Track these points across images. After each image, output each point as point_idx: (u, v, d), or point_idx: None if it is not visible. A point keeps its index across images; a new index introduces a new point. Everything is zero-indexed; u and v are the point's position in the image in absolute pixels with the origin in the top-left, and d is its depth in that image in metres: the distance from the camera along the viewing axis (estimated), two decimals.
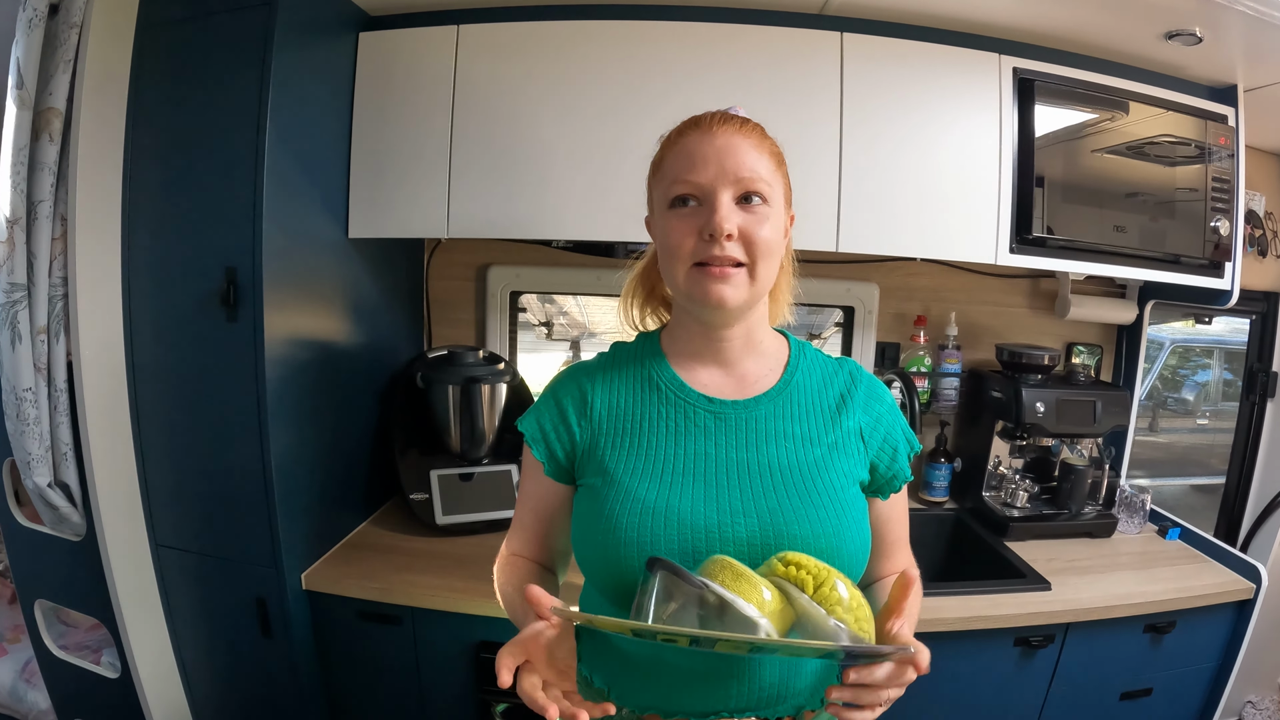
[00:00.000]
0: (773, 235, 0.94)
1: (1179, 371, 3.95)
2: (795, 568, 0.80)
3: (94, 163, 1.54)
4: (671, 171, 0.96)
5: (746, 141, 0.94)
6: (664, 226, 0.97)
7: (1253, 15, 1.58)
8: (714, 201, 0.92)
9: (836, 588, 0.79)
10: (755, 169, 0.93)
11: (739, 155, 0.93)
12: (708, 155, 0.93)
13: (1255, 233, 2.31)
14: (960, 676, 1.69)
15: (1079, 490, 2.07)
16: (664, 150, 1.00)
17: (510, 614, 1.03)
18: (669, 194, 0.95)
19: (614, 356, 1.08)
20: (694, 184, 0.93)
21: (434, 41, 1.75)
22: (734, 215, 0.92)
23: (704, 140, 0.94)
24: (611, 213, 1.73)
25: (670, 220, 0.95)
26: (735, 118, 0.97)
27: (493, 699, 1.66)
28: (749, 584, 0.78)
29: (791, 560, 0.81)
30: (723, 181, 0.92)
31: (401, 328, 2.21)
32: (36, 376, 1.53)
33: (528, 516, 1.10)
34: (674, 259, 0.95)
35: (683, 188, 0.94)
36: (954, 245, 1.80)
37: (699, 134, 0.95)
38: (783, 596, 0.80)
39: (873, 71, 1.73)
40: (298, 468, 1.67)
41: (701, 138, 0.94)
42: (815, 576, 0.79)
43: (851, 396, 1.04)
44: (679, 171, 0.94)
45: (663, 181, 0.98)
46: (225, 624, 1.75)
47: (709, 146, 0.93)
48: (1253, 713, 2.45)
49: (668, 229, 0.95)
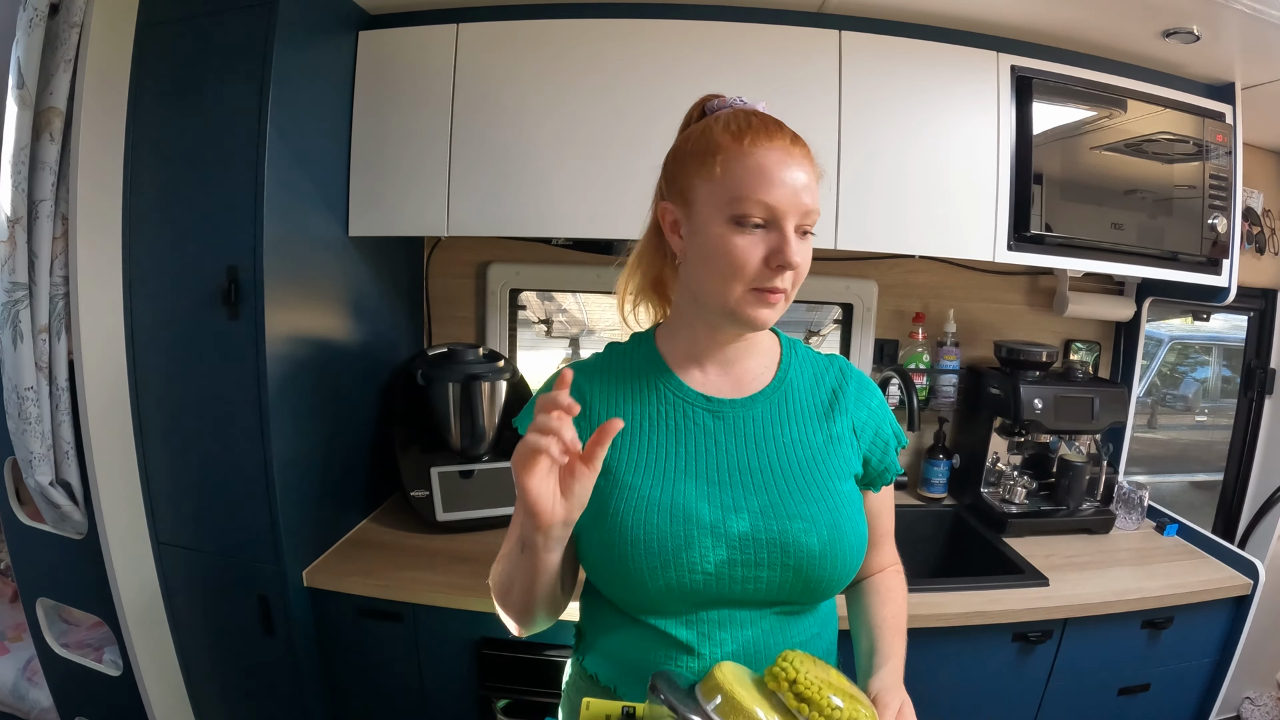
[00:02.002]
0: (809, 261, 0.94)
1: (1177, 368, 3.96)
2: (808, 706, 0.77)
3: (95, 162, 1.54)
4: (744, 184, 0.89)
5: (812, 169, 0.93)
6: (723, 240, 0.90)
7: (1250, 13, 1.58)
8: (784, 231, 0.89)
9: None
10: (816, 201, 0.92)
11: (808, 185, 0.91)
12: (785, 179, 0.89)
13: (1253, 230, 2.31)
14: (958, 672, 1.70)
15: (1077, 486, 2.07)
16: (729, 151, 0.92)
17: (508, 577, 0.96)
18: (736, 209, 0.89)
19: (610, 357, 1.08)
20: (768, 207, 0.89)
21: (434, 40, 1.75)
22: (798, 247, 0.90)
23: (783, 161, 0.90)
24: (611, 210, 1.73)
25: (732, 237, 0.90)
26: (798, 136, 0.94)
27: (494, 695, 1.67)
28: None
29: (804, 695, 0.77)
30: (794, 211, 0.89)
31: (402, 325, 2.22)
32: (38, 375, 1.53)
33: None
34: (730, 278, 0.91)
35: (755, 209, 0.89)
36: (952, 242, 1.81)
37: (778, 152, 0.90)
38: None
39: (871, 70, 1.73)
40: (299, 465, 1.68)
41: (780, 158, 0.90)
42: (827, 718, 0.76)
43: (843, 392, 1.06)
44: (751, 188, 0.89)
45: (726, 187, 0.90)
46: (227, 621, 1.75)
47: (786, 169, 0.89)
48: (1250, 708, 2.46)
49: (729, 246, 0.90)
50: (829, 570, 0.94)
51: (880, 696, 0.93)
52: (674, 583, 0.91)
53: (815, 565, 0.93)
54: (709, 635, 0.95)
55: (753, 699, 0.77)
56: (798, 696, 0.77)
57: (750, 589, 0.93)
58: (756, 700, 0.77)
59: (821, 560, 0.93)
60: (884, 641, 1.04)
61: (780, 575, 0.93)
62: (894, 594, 1.12)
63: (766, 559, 0.92)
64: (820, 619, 1.04)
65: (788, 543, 0.92)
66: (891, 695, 0.94)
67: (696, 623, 0.95)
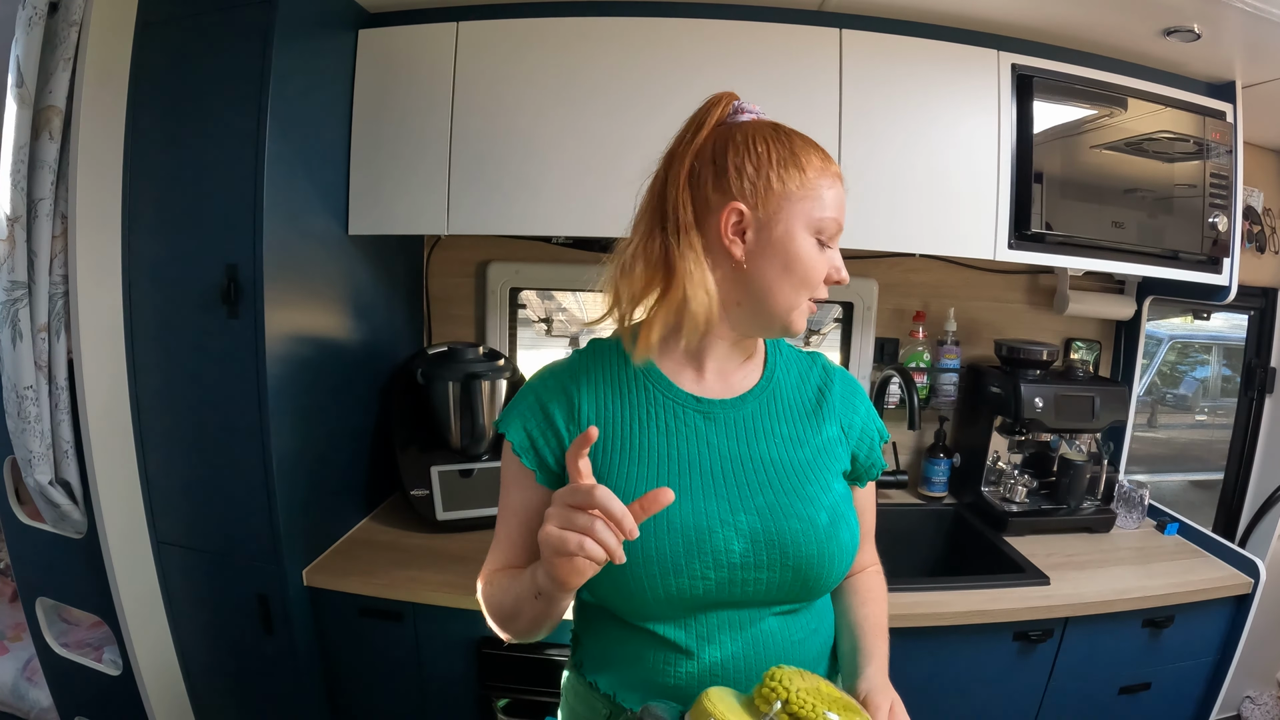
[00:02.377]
0: None
1: (1178, 367, 3.96)
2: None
3: (94, 160, 1.54)
4: (825, 204, 0.94)
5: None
6: (809, 254, 0.94)
7: (1251, 12, 1.58)
8: (836, 248, 0.97)
9: None
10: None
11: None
12: (841, 203, 0.96)
13: (1254, 229, 2.31)
14: (959, 671, 1.70)
15: (1077, 485, 2.07)
16: (815, 170, 0.95)
17: (512, 606, 0.95)
18: (820, 225, 0.94)
19: (594, 356, 1.04)
20: (839, 225, 0.96)
21: (434, 38, 1.75)
22: None
23: (838, 186, 0.96)
24: (611, 209, 1.72)
25: (812, 248, 0.94)
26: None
27: (494, 694, 1.66)
28: None
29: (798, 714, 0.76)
30: (839, 234, 0.97)
31: (401, 324, 2.21)
32: (37, 374, 1.53)
33: (515, 531, 1.02)
34: (802, 285, 0.95)
35: (833, 226, 0.95)
36: (953, 241, 1.80)
37: (834, 179, 0.96)
38: None
39: (871, 68, 1.73)
40: (298, 464, 1.67)
41: (836, 183, 0.96)
42: None
43: (830, 390, 1.06)
44: (831, 209, 0.95)
45: (815, 205, 0.94)
46: (227, 621, 1.75)
47: (841, 192, 0.97)
48: (1251, 707, 2.46)
49: (811, 259, 0.94)
50: (827, 567, 0.94)
51: (870, 698, 0.93)
52: (674, 592, 0.90)
53: (814, 564, 0.93)
54: (707, 638, 0.94)
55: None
56: (790, 716, 0.76)
57: (750, 590, 0.93)
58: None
59: (820, 558, 0.93)
60: (867, 641, 1.04)
61: (780, 575, 0.92)
62: (874, 593, 1.13)
63: (766, 561, 0.92)
64: (817, 614, 1.03)
65: (786, 543, 0.92)
66: (881, 696, 0.94)
67: (694, 625, 0.94)
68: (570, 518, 0.75)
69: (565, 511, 0.75)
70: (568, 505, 0.75)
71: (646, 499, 0.78)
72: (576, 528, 0.74)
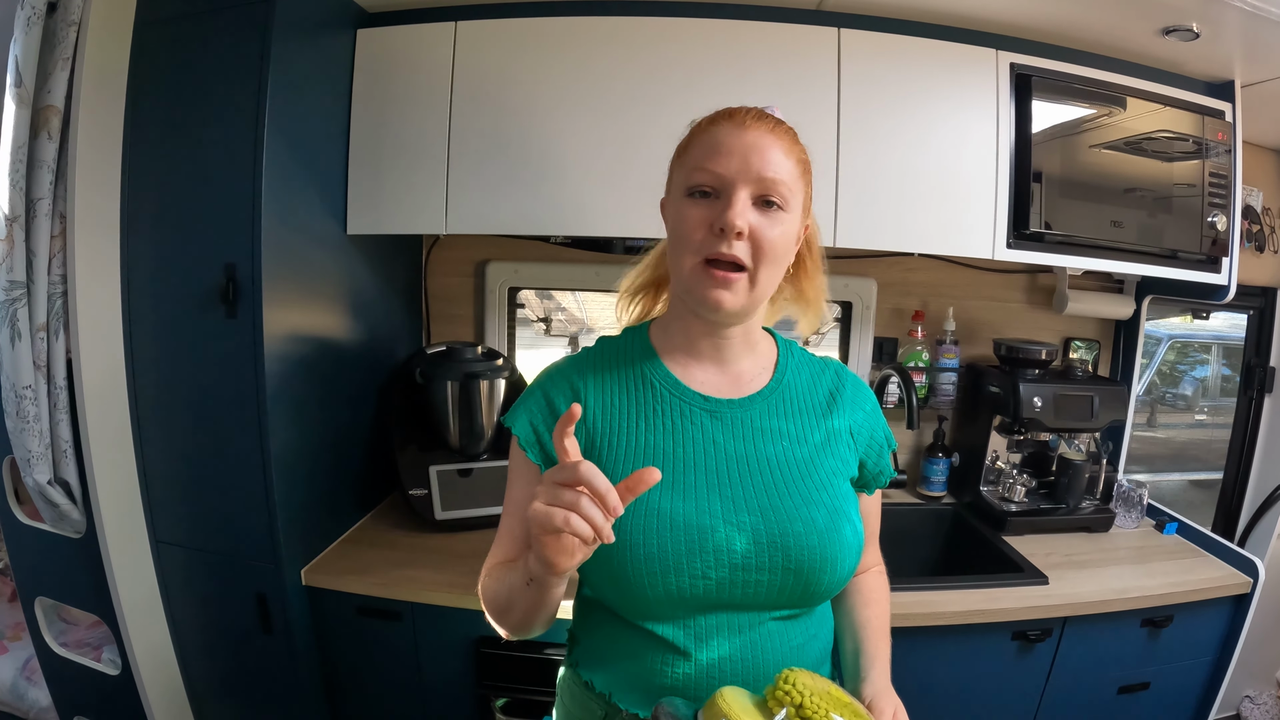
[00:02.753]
0: (782, 241, 0.92)
1: (1177, 366, 3.95)
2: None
3: (93, 160, 1.54)
4: (695, 158, 0.93)
5: (777, 143, 0.92)
6: (678, 213, 0.94)
7: (1250, 11, 1.58)
8: (731, 196, 0.90)
9: None
10: (779, 172, 0.91)
11: (766, 154, 0.90)
12: (734, 148, 0.90)
13: (1253, 228, 2.31)
14: (958, 671, 1.70)
15: (1076, 485, 2.07)
16: (691, 136, 0.97)
17: (506, 600, 0.95)
18: (688, 180, 0.93)
19: (602, 353, 1.06)
20: (715, 174, 0.91)
21: (432, 38, 1.75)
22: (748, 213, 0.90)
23: (734, 132, 0.92)
24: (609, 208, 1.72)
25: (685, 207, 0.93)
26: (769, 117, 0.95)
27: (492, 694, 1.66)
28: None
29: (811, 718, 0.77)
30: (744, 178, 0.90)
31: (400, 324, 2.21)
32: (36, 374, 1.53)
33: (518, 526, 1.03)
34: (683, 248, 0.93)
35: (703, 176, 0.91)
36: (952, 240, 1.80)
37: (730, 125, 0.92)
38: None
39: (870, 67, 1.73)
40: (297, 464, 1.67)
41: (733, 129, 0.92)
42: None
43: (840, 395, 1.06)
44: (702, 159, 0.92)
45: (684, 166, 0.95)
46: (225, 620, 1.75)
47: (737, 139, 0.91)
48: (1250, 707, 2.46)
49: (681, 216, 0.93)
50: (828, 573, 0.93)
51: (875, 703, 0.94)
52: (674, 590, 0.90)
53: (815, 569, 0.92)
54: (704, 640, 0.94)
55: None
56: (801, 716, 0.77)
57: (750, 593, 0.92)
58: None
59: (821, 564, 0.92)
60: (870, 643, 1.04)
61: (781, 579, 0.92)
62: (877, 594, 1.13)
63: (768, 563, 0.91)
64: (816, 621, 1.03)
65: (789, 545, 0.91)
66: (885, 700, 0.94)
67: (692, 627, 0.94)
68: (557, 494, 0.74)
69: (552, 489, 0.75)
70: (555, 483, 0.75)
71: (632, 478, 0.77)
72: (562, 503, 0.74)
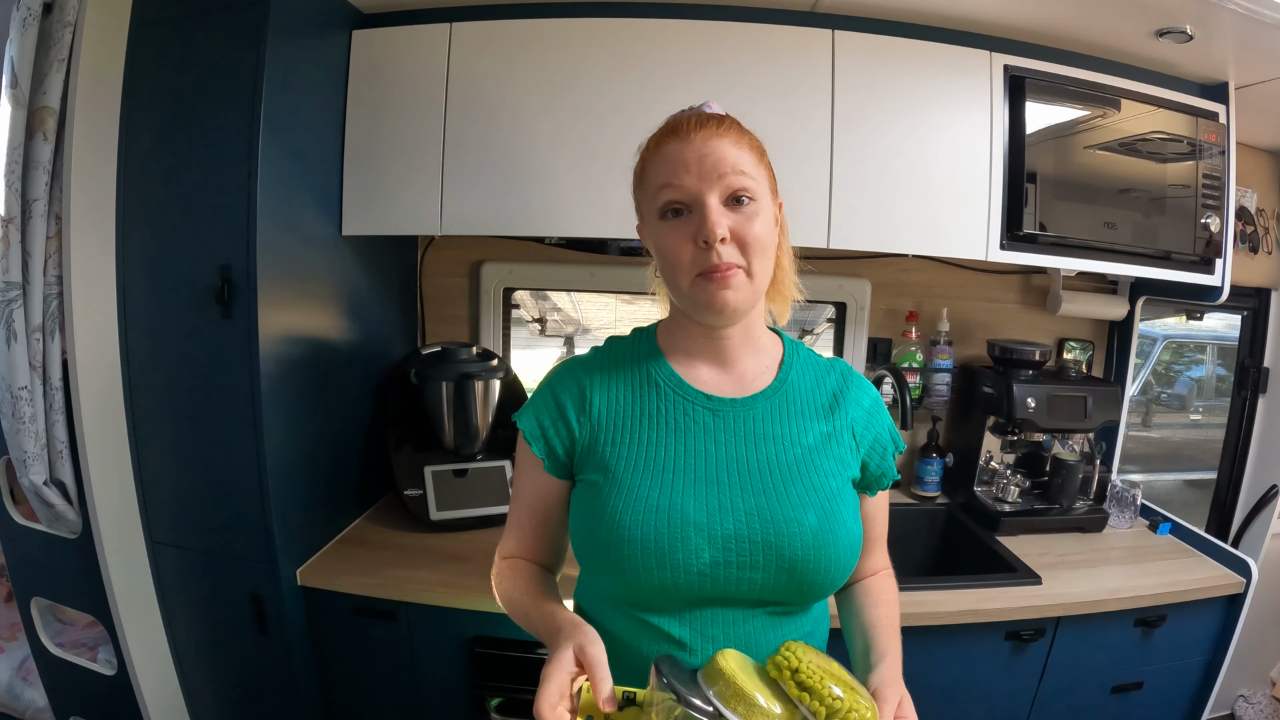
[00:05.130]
0: (764, 230, 0.94)
1: (1173, 367, 3.96)
2: (809, 695, 0.78)
3: (88, 161, 1.54)
4: (655, 181, 0.95)
5: (725, 141, 0.94)
6: (658, 239, 0.96)
7: (1243, 13, 1.58)
8: (704, 208, 0.91)
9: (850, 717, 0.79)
10: (738, 167, 0.92)
11: (720, 156, 0.92)
12: (689, 161, 0.92)
13: (1246, 229, 2.32)
14: (951, 670, 1.70)
15: (1070, 485, 2.08)
16: (644, 159, 1.00)
17: (523, 621, 1.01)
18: (656, 204, 0.95)
19: (610, 352, 1.08)
20: (680, 190, 0.92)
21: (427, 39, 1.75)
22: (724, 218, 0.91)
23: (684, 147, 0.93)
24: (604, 209, 1.73)
25: (663, 232, 0.94)
26: (711, 118, 0.96)
27: (487, 693, 1.67)
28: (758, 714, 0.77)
29: (806, 684, 0.79)
30: (708, 185, 0.91)
31: (395, 324, 2.22)
32: (32, 375, 1.53)
33: (525, 515, 1.09)
34: (675, 270, 0.94)
35: (670, 194, 0.93)
36: (945, 241, 1.81)
37: (678, 142, 0.94)
38: (788, 708, 0.79)
39: (864, 69, 1.73)
40: (292, 464, 1.68)
41: (681, 145, 0.93)
42: (829, 708, 0.78)
43: (844, 396, 1.06)
44: (661, 179, 0.94)
45: (648, 191, 0.97)
46: (221, 620, 1.75)
47: (689, 150, 0.92)
48: (1244, 706, 2.46)
49: (662, 241, 0.95)
50: (821, 573, 0.94)
51: (880, 691, 0.93)
52: (668, 581, 0.91)
53: (807, 567, 0.93)
54: (702, 632, 0.95)
55: (754, 686, 0.78)
56: (799, 685, 0.78)
57: (744, 589, 0.93)
58: (758, 687, 0.79)
59: (814, 563, 0.93)
60: (879, 640, 1.04)
61: (774, 576, 0.93)
62: (886, 595, 1.13)
63: (762, 560, 0.92)
64: (813, 619, 1.04)
65: (781, 544, 0.92)
66: (891, 690, 0.93)
67: (690, 620, 0.95)
68: None
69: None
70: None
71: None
72: None
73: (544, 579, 1.07)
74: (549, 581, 1.08)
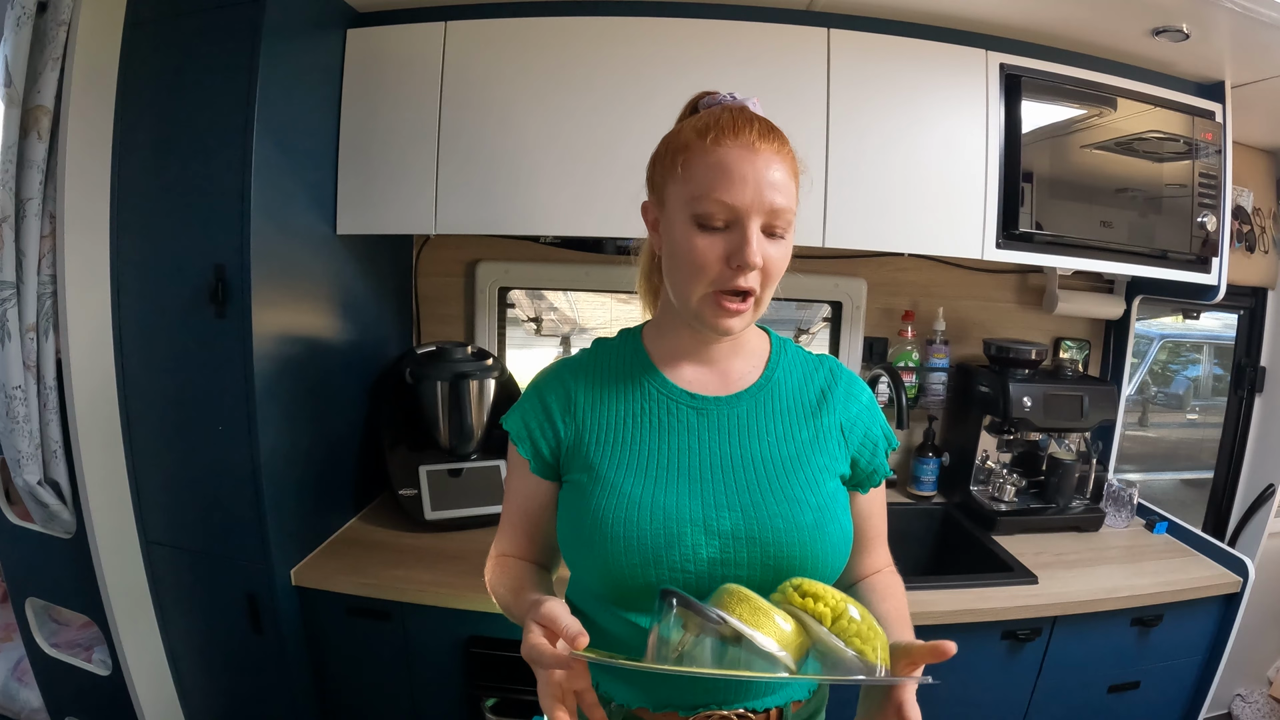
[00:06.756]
0: (785, 262, 0.93)
1: (1169, 366, 3.96)
2: (813, 599, 0.80)
3: (82, 160, 1.54)
4: (704, 183, 0.89)
5: (783, 165, 0.90)
6: (686, 240, 0.91)
7: (1240, 12, 1.58)
8: (746, 230, 0.88)
9: (853, 618, 0.80)
10: (788, 200, 0.90)
11: (776, 183, 0.89)
12: (747, 176, 0.87)
13: (1243, 228, 2.32)
14: (947, 670, 1.69)
15: (1066, 484, 2.08)
16: (691, 147, 0.92)
17: (510, 615, 1.02)
18: (698, 208, 0.89)
19: (597, 353, 1.08)
20: (728, 207, 0.88)
21: (422, 38, 1.75)
22: (762, 246, 0.89)
23: (745, 158, 0.88)
24: (600, 208, 1.73)
25: (695, 237, 0.90)
26: (773, 131, 0.92)
27: (482, 694, 1.67)
28: (765, 617, 0.79)
29: (808, 591, 0.81)
30: (758, 209, 0.88)
31: (390, 324, 2.21)
32: (26, 374, 1.53)
33: (515, 514, 1.09)
34: (693, 278, 0.91)
35: (714, 208, 0.88)
36: (941, 240, 1.81)
37: (740, 149, 0.89)
38: (799, 626, 0.80)
39: (859, 67, 1.73)
40: (287, 464, 1.67)
41: (743, 155, 0.88)
42: (833, 610, 0.79)
43: (832, 393, 1.05)
44: (713, 187, 0.88)
45: (688, 186, 0.91)
46: (216, 620, 1.75)
47: (749, 166, 0.88)
48: (1241, 705, 2.47)
49: (691, 246, 0.90)
50: (810, 570, 0.93)
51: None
52: (655, 581, 0.90)
53: (796, 565, 0.92)
54: None
55: (766, 605, 0.81)
56: (802, 594, 0.81)
57: None
58: (769, 606, 0.81)
59: (802, 560, 0.92)
60: (893, 632, 1.01)
61: (761, 575, 0.92)
62: (892, 590, 1.11)
63: (747, 559, 0.92)
64: None
65: (768, 541, 0.92)
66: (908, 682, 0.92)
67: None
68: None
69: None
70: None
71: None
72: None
73: (533, 574, 1.07)
74: (538, 576, 1.07)
